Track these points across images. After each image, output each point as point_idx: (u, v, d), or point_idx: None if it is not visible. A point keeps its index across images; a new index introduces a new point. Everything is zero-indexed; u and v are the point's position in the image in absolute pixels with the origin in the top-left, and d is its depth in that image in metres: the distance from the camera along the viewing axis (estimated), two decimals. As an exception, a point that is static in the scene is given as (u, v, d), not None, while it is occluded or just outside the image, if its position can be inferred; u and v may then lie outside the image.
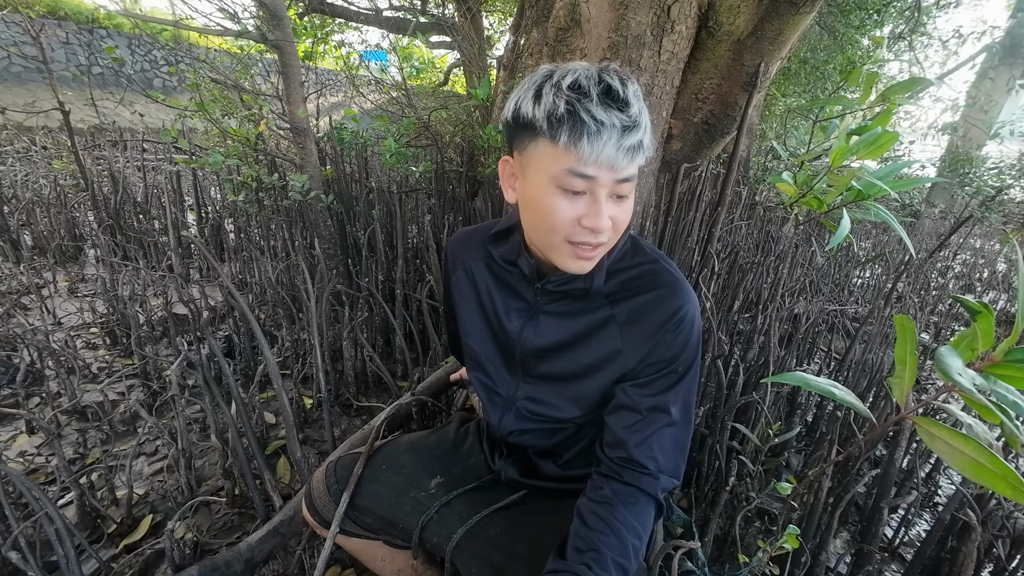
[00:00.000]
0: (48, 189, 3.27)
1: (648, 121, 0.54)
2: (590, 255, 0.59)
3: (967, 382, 0.42)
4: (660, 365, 0.63)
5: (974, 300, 0.47)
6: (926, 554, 1.04)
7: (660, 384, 0.63)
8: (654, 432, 0.62)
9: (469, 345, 0.80)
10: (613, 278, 0.66)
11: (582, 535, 0.59)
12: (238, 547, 0.93)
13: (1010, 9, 7.54)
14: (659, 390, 0.63)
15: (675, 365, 0.62)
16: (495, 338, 0.76)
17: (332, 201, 2.10)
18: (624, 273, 0.66)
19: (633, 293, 0.64)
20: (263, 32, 1.96)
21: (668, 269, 0.65)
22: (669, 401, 0.62)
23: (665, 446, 0.62)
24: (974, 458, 0.43)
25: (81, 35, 8.30)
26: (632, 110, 0.53)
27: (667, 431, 0.62)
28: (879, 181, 0.77)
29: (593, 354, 0.66)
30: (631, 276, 0.66)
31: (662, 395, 0.62)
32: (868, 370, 1.65)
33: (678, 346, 0.62)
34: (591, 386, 0.68)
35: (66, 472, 1.12)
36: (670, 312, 0.62)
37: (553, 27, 1.50)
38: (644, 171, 1.56)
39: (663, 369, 0.63)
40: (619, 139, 0.52)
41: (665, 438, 0.62)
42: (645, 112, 0.54)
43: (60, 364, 1.58)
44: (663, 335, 0.62)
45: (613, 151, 0.52)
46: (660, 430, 0.62)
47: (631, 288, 0.65)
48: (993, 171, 4.21)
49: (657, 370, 0.63)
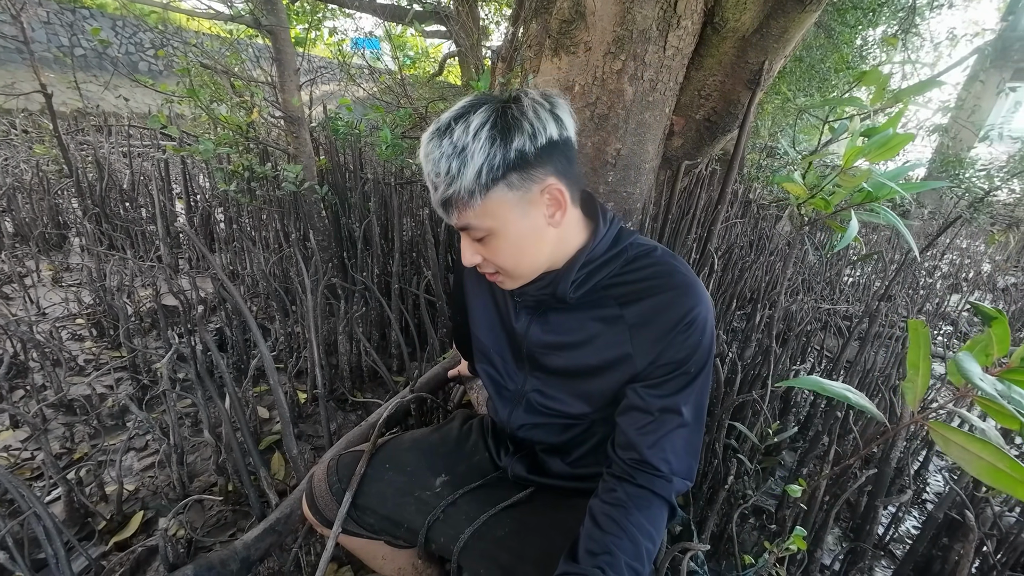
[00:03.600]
0: (30, 175, 3.17)
1: (472, 168, 0.54)
2: (494, 279, 0.67)
3: (989, 387, 0.42)
4: (672, 366, 0.62)
5: (991, 307, 0.46)
6: (918, 551, 1.06)
7: (672, 385, 0.62)
8: (666, 434, 0.61)
9: (479, 337, 0.80)
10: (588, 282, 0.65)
11: (595, 537, 0.58)
12: (234, 545, 0.92)
13: (1001, 12, 7.63)
14: (671, 391, 0.62)
15: (687, 366, 0.62)
16: (505, 331, 0.76)
17: (327, 192, 2.06)
18: (628, 275, 0.65)
19: (644, 295, 0.63)
20: (256, 17, 1.90)
21: (680, 270, 0.64)
22: (681, 402, 0.62)
23: (678, 448, 0.62)
24: (992, 463, 0.43)
25: (63, 15, 8.02)
26: (440, 167, 0.55)
27: (679, 432, 0.62)
28: (891, 183, 0.77)
29: (601, 355, 0.66)
30: (641, 277, 0.64)
31: (673, 396, 0.62)
32: (861, 369, 1.66)
33: (689, 347, 0.61)
34: (599, 385, 0.68)
35: (53, 467, 1.09)
36: (681, 313, 0.61)
37: (556, 19, 1.47)
38: (645, 168, 1.55)
39: (675, 370, 0.62)
40: (434, 195, 0.58)
41: (677, 440, 0.62)
42: (462, 166, 0.54)
43: (45, 356, 1.54)
44: (674, 336, 0.61)
45: (437, 205, 0.59)
46: (672, 432, 0.61)
47: (642, 290, 0.64)
48: (982, 173, 4.28)
49: (668, 371, 0.62)
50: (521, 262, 0.63)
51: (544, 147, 0.56)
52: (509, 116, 0.55)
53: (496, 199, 0.56)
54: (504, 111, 0.55)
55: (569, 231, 0.64)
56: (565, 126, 0.58)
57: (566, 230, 0.63)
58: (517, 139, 0.54)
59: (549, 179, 0.58)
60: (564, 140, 0.58)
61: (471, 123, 0.54)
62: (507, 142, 0.54)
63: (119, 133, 5.13)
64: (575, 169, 0.62)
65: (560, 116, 0.57)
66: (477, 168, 0.54)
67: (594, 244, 0.64)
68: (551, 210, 0.60)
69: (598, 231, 0.64)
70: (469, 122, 0.54)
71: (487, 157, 0.54)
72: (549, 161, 0.57)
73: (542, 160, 0.56)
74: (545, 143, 0.56)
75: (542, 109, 0.56)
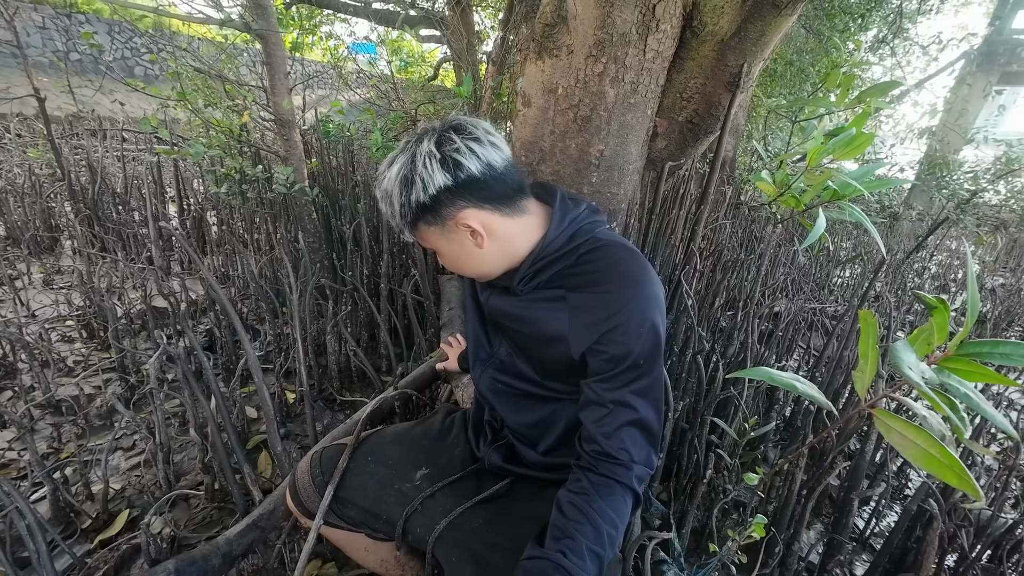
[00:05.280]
0: (22, 178, 3.18)
1: (395, 210, 0.67)
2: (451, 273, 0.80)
3: (916, 375, 0.44)
4: (616, 361, 0.64)
5: (933, 296, 0.48)
6: (894, 543, 1.08)
7: (621, 379, 0.64)
8: (622, 425, 0.63)
9: (464, 316, 0.92)
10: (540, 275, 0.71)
11: (559, 524, 0.60)
12: (216, 541, 0.93)
13: (989, 16, 7.74)
14: (620, 384, 0.64)
15: (632, 360, 0.63)
16: (475, 301, 0.86)
17: (317, 194, 2.08)
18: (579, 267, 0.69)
19: (587, 285, 0.67)
20: (247, 21, 1.92)
21: (625, 263, 0.66)
22: (632, 394, 0.64)
23: (636, 437, 0.64)
24: (925, 449, 0.45)
25: (58, 20, 8.04)
26: (382, 206, 0.68)
27: (634, 422, 0.64)
28: (854, 181, 0.79)
29: (541, 330, 0.71)
30: (589, 269, 0.68)
31: (623, 389, 0.64)
32: (844, 366, 1.69)
33: (626, 343, 0.63)
34: (543, 354, 0.73)
35: (39, 466, 1.10)
36: (617, 307, 0.63)
37: (540, 23, 1.50)
38: (628, 169, 1.57)
39: (619, 365, 0.64)
40: None
41: (633, 429, 0.64)
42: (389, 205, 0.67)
43: (34, 357, 1.55)
44: (608, 330, 0.63)
45: None
46: (628, 423, 0.63)
47: (587, 281, 0.67)
48: (969, 175, 4.33)
49: (614, 366, 0.64)
50: (466, 270, 0.74)
51: (440, 193, 0.63)
52: (406, 171, 0.64)
53: (422, 231, 0.69)
54: (405, 164, 0.64)
55: (514, 240, 0.70)
56: (462, 166, 0.63)
57: (509, 240, 0.69)
58: (413, 192, 0.64)
59: (460, 213, 0.66)
60: (464, 180, 0.64)
61: (391, 173, 0.65)
62: (408, 194, 0.64)
63: (113, 137, 5.14)
64: (498, 191, 0.67)
65: (454, 159, 0.63)
66: (398, 211, 0.66)
67: (543, 246, 0.69)
68: (473, 236, 0.67)
69: (547, 234, 0.69)
70: (390, 172, 0.65)
71: (400, 204, 0.66)
72: (457, 199, 0.64)
73: (445, 202, 0.64)
74: (437, 191, 0.63)
75: (432, 160, 0.63)
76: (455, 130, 0.64)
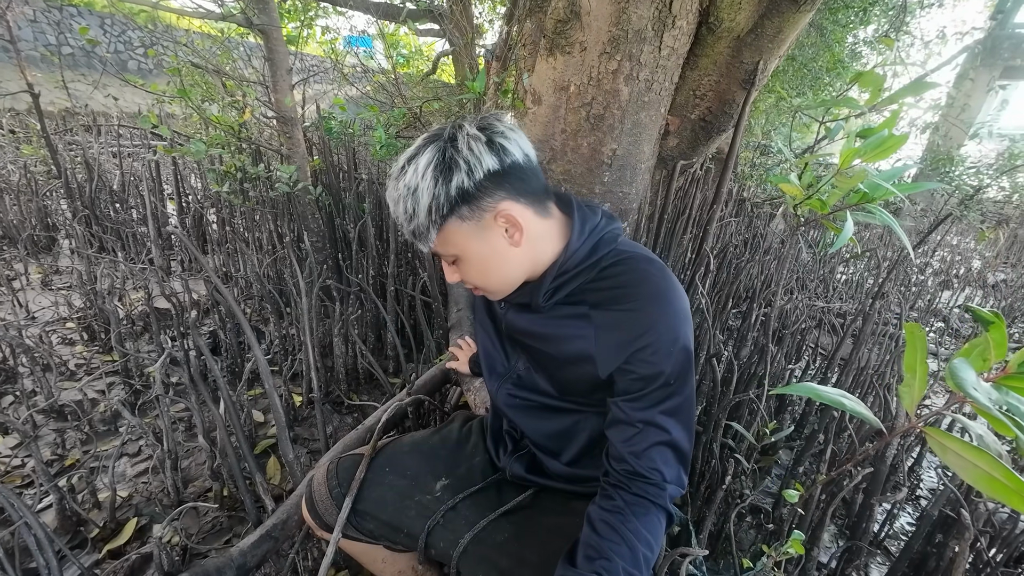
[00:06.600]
0: (17, 176, 3.12)
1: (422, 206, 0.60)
2: (478, 294, 0.74)
3: (983, 397, 0.42)
4: (646, 381, 0.61)
5: (989, 311, 0.46)
6: (914, 548, 1.07)
7: (651, 398, 0.62)
8: (652, 445, 0.61)
9: (476, 320, 0.87)
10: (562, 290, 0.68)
11: (593, 543, 0.58)
12: (230, 552, 0.91)
13: (991, 10, 7.70)
14: (650, 404, 0.62)
15: (663, 380, 0.61)
16: (490, 315, 0.82)
17: (321, 193, 2.05)
18: (601, 282, 0.66)
19: (613, 302, 0.63)
20: (247, 16, 1.88)
21: (651, 278, 0.63)
22: (663, 413, 0.61)
23: (667, 457, 0.62)
24: (987, 471, 0.43)
25: (50, 13, 7.90)
26: (399, 208, 0.61)
27: (666, 442, 0.62)
28: (886, 183, 0.77)
29: (564, 350, 0.68)
30: (612, 284, 0.65)
31: (652, 409, 0.61)
32: (855, 368, 1.67)
33: (659, 363, 0.61)
34: (567, 375, 0.70)
35: (44, 475, 1.07)
36: (645, 327, 0.61)
37: (551, 19, 1.47)
38: (641, 168, 1.55)
39: (650, 384, 0.61)
40: (403, 231, 0.64)
41: (665, 449, 0.62)
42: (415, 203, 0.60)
43: (35, 361, 1.52)
44: (637, 350, 0.61)
45: (408, 238, 0.65)
46: (658, 442, 0.61)
47: (612, 297, 0.64)
48: (972, 170, 4.33)
49: (643, 386, 0.62)
50: (490, 280, 0.68)
51: (486, 178, 0.59)
52: (447, 155, 0.58)
53: (452, 230, 0.62)
54: (446, 149, 0.59)
55: (542, 244, 0.66)
56: (508, 151, 0.60)
57: (538, 243, 0.66)
58: (456, 177, 0.58)
59: (501, 205, 0.61)
60: (510, 166, 0.60)
61: (419, 164, 0.59)
62: (448, 180, 0.58)
63: (108, 133, 5.07)
64: (533, 186, 0.64)
65: (500, 144, 0.60)
66: (427, 206, 0.59)
67: (566, 257, 0.66)
68: (509, 232, 0.63)
69: (570, 245, 0.65)
70: (418, 163, 0.59)
71: (433, 196, 0.59)
72: (498, 188, 0.60)
73: (487, 190, 0.60)
74: (484, 175, 0.59)
75: (477, 143, 0.59)
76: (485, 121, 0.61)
